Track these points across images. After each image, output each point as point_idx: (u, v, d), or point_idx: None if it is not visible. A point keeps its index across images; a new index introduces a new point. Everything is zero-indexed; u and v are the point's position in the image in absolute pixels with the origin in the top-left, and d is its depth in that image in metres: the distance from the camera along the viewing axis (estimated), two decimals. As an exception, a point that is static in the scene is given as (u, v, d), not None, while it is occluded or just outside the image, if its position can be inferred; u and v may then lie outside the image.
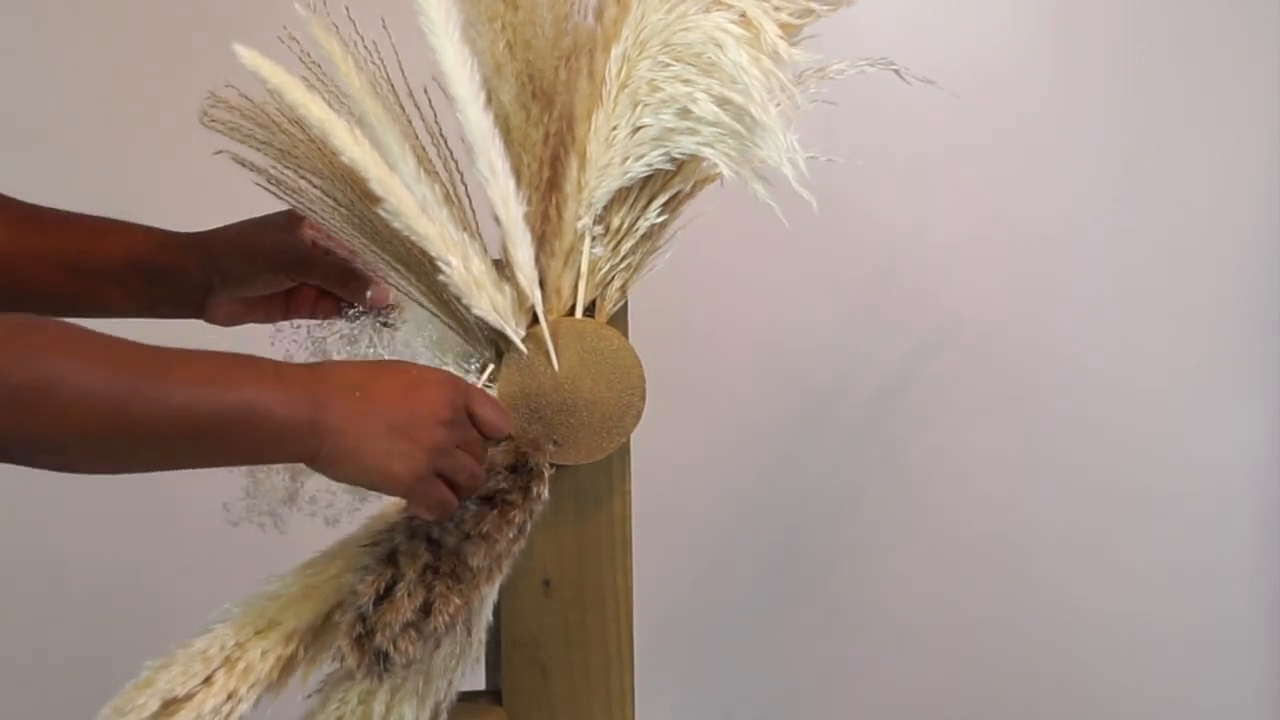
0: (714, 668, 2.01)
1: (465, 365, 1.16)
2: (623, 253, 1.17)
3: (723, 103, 1.08)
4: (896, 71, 1.19)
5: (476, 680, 1.25)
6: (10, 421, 0.88)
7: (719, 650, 2.01)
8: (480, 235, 1.15)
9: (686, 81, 1.09)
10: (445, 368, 1.14)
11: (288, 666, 1.09)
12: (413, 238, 1.09)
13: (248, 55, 1.03)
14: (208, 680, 1.06)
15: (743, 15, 1.07)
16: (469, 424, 1.06)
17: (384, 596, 1.06)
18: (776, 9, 1.09)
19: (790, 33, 1.10)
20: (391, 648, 1.04)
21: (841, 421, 1.99)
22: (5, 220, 1.15)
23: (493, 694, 1.28)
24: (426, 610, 1.05)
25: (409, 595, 1.05)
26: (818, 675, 2.04)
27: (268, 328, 1.23)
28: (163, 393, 0.93)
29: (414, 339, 1.17)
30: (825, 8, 1.11)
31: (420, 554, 1.07)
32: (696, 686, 2.00)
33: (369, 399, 1.00)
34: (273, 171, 1.14)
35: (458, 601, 1.06)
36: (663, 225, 1.19)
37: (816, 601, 2.02)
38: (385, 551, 1.08)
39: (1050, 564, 2.04)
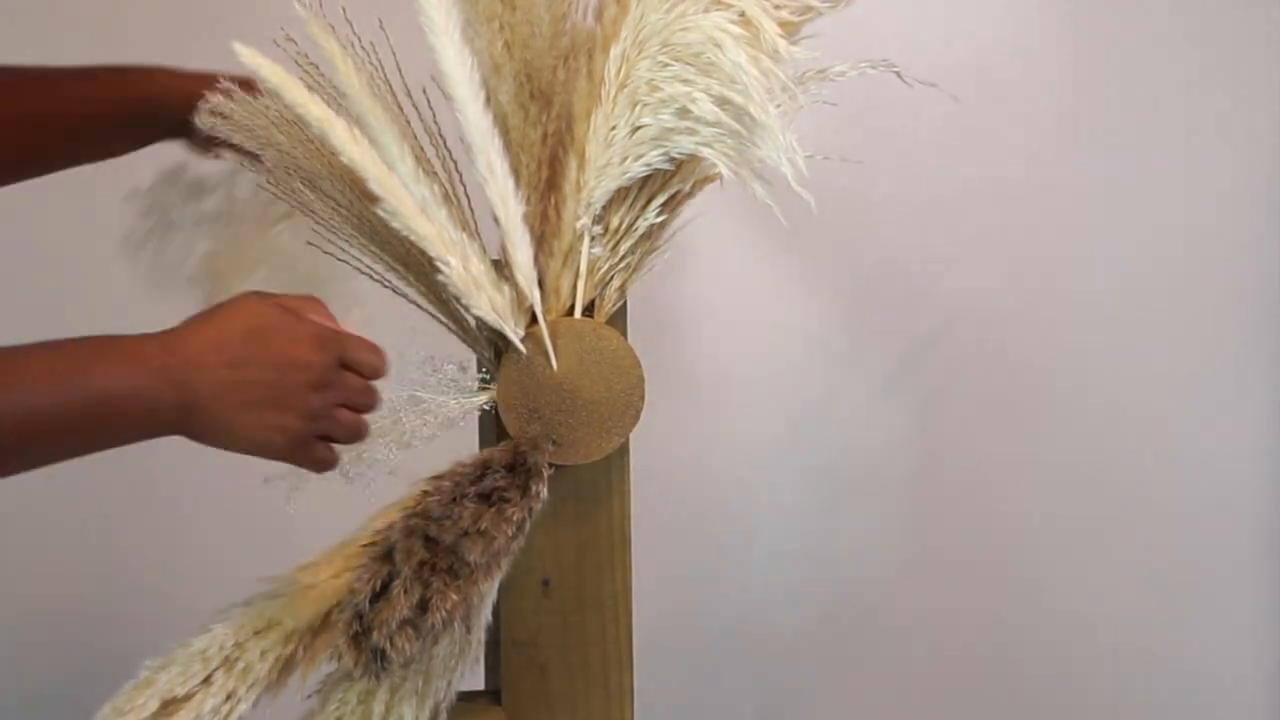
0: (714, 668, 2.01)
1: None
2: (622, 253, 1.17)
3: (722, 102, 1.08)
4: (898, 73, 1.19)
5: (476, 680, 1.25)
6: None
7: (719, 650, 2.01)
8: (479, 235, 1.15)
9: (685, 81, 1.08)
10: None
11: (287, 666, 1.09)
12: (411, 238, 1.09)
13: (247, 54, 1.03)
14: (207, 680, 1.06)
15: (742, 14, 1.06)
16: (344, 376, 1.03)
17: (380, 594, 1.06)
18: (777, 7, 1.09)
19: (790, 31, 1.10)
20: (388, 645, 1.04)
21: (841, 422, 1.98)
22: (41, 96, 1.17)
23: (492, 694, 1.28)
24: (423, 607, 1.05)
25: (405, 592, 1.05)
26: (819, 675, 2.03)
27: None
28: (19, 394, 0.92)
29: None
30: (825, 5, 1.11)
31: (416, 551, 1.07)
32: (696, 686, 2.00)
33: (235, 370, 0.97)
34: (273, 171, 1.15)
35: (455, 598, 1.06)
36: (662, 225, 1.19)
37: (816, 601, 2.01)
38: (382, 550, 1.08)
39: (1050, 564, 2.04)
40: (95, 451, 0.98)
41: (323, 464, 1.05)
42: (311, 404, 1.00)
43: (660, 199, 1.17)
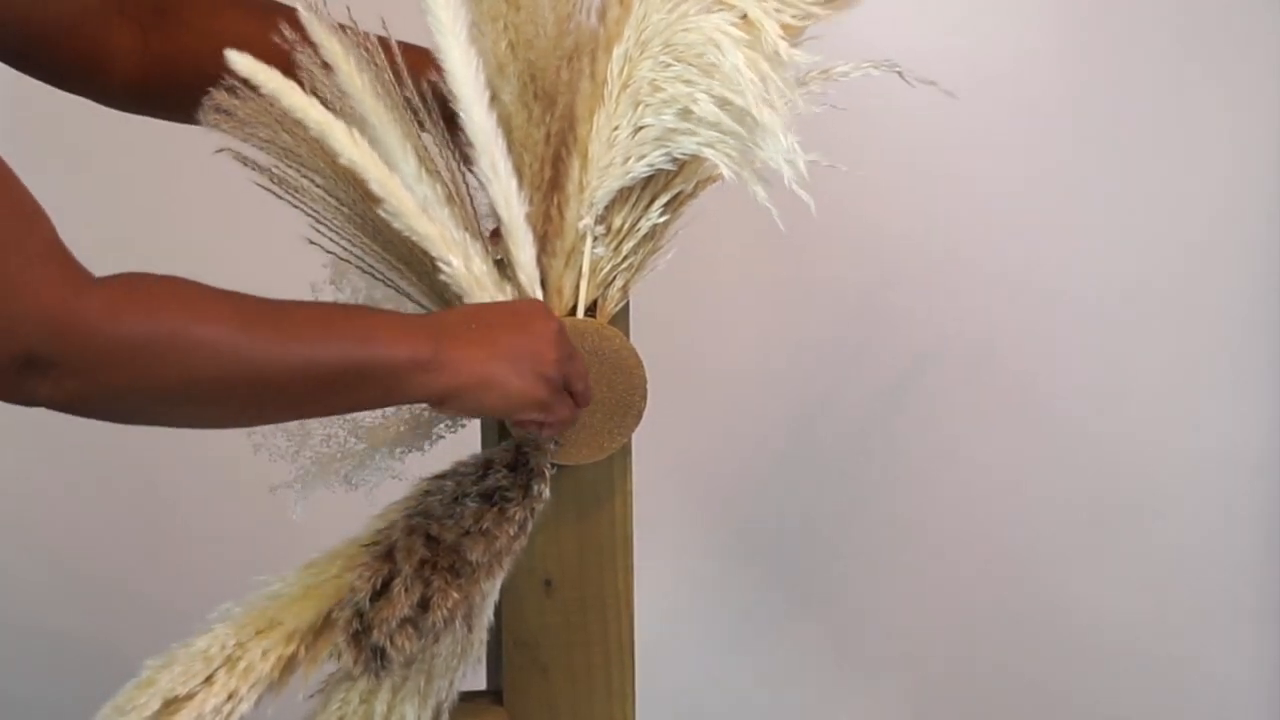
0: (715, 668, 2.01)
1: None
2: (624, 253, 1.17)
3: (723, 104, 1.08)
4: (900, 74, 1.19)
5: (478, 680, 1.25)
6: (140, 375, 0.91)
7: (720, 650, 2.01)
8: (482, 235, 1.15)
9: (687, 82, 1.09)
10: None
11: (289, 666, 1.09)
12: (413, 238, 1.09)
13: (241, 62, 1.03)
14: (209, 680, 1.06)
15: (744, 16, 1.06)
16: (577, 354, 1.11)
17: (381, 593, 1.06)
18: (778, 10, 1.09)
19: (792, 34, 1.10)
20: (389, 644, 1.04)
21: (843, 422, 1.98)
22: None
23: (494, 694, 1.28)
24: (424, 606, 1.05)
25: (405, 590, 1.05)
26: (820, 675, 2.03)
27: None
28: (288, 345, 0.96)
29: None
30: (827, 10, 1.11)
31: (417, 549, 1.07)
32: (698, 687, 2.00)
33: (486, 330, 1.04)
34: (275, 170, 1.15)
35: (456, 596, 1.06)
36: (665, 225, 1.19)
37: (818, 602, 2.01)
38: (383, 548, 1.08)
39: (1051, 565, 2.04)
40: (358, 410, 1.08)
41: (561, 424, 1.12)
42: (556, 373, 1.07)
43: (663, 199, 1.17)
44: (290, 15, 1.10)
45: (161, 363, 0.91)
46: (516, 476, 1.11)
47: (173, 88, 1.19)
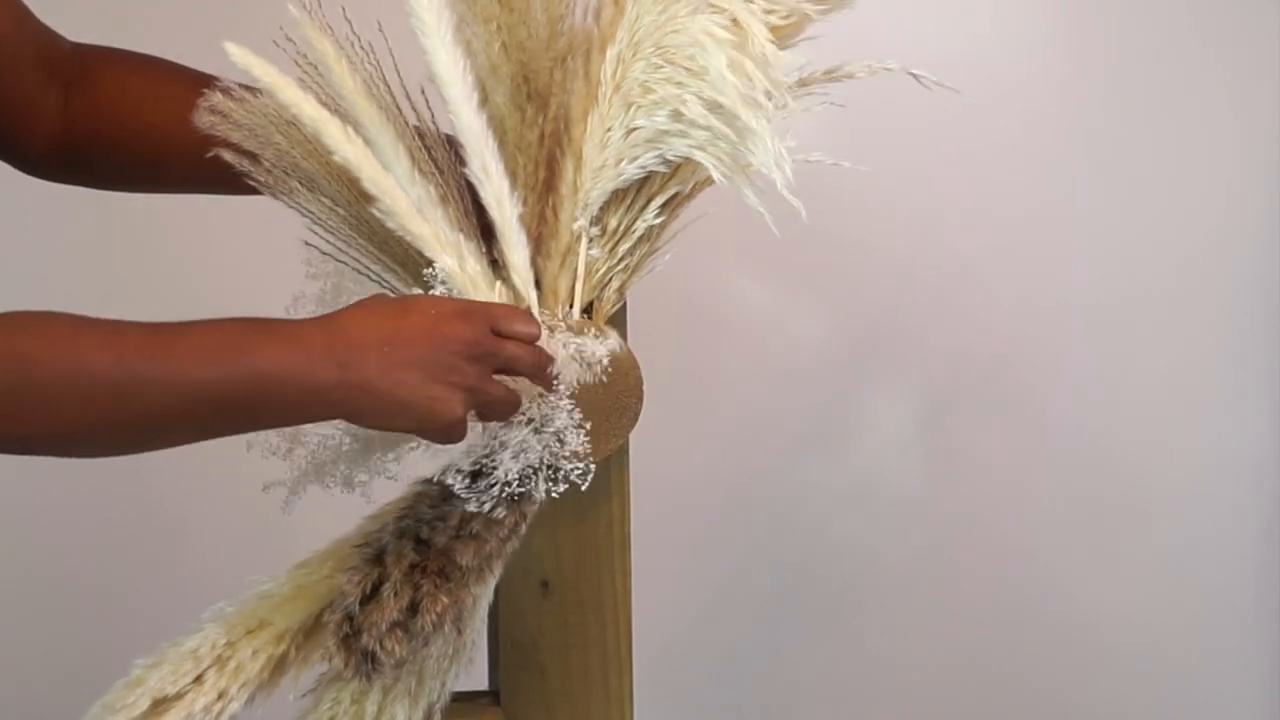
0: (715, 668, 2.01)
1: None
2: (620, 254, 1.17)
3: (713, 107, 1.07)
4: (915, 76, 1.17)
5: (476, 680, 1.25)
6: (24, 420, 0.89)
7: (720, 650, 2.00)
8: (477, 236, 1.15)
9: (678, 84, 1.08)
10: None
11: (279, 666, 1.09)
12: (407, 238, 1.09)
13: (238, 54, 1.04)
14: (198, 679, 1.06)
15: (733, 19, 1.06)
16: (500, 343, 1.04)
17: (371, 596, 1.06)
18: (768, 11, 1.08)
19: (782, 35, 1.09)
20: (378, 647, 1.04)
21: (842, 424, 1.98)
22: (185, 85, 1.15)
23: (493, 694, 1.28)
24: (414, 609, 1.05)
25: (395, 595, 1.05)
26: (821, 676, 2.03)
27: None
28: (171, 373, 0.93)
29: None
30: (819, 10, 1.10)
31: (406, 553, 1.07)
32: (697, 687, 2.00)
33: (395, 347, 0.99)
34: (269, 170, 1.15)
35: (445, 600, 1.06)
36: (661, 227, 1.18)
37: (819, 602, 2.01)
38: (373, 551, 1.08)
39: (1052, 566, 2.03)
40: (254, 429, 1.02)
41: (500, 416, 1.07)
42: (472, 375, 1.01)
43: (659, 201, 1.16)
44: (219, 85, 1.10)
45: (46, 408, 0.90)
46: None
47: (93, 151, 1.18)
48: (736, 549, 1.99)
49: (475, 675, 1.22)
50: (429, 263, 1.10)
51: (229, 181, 1.14)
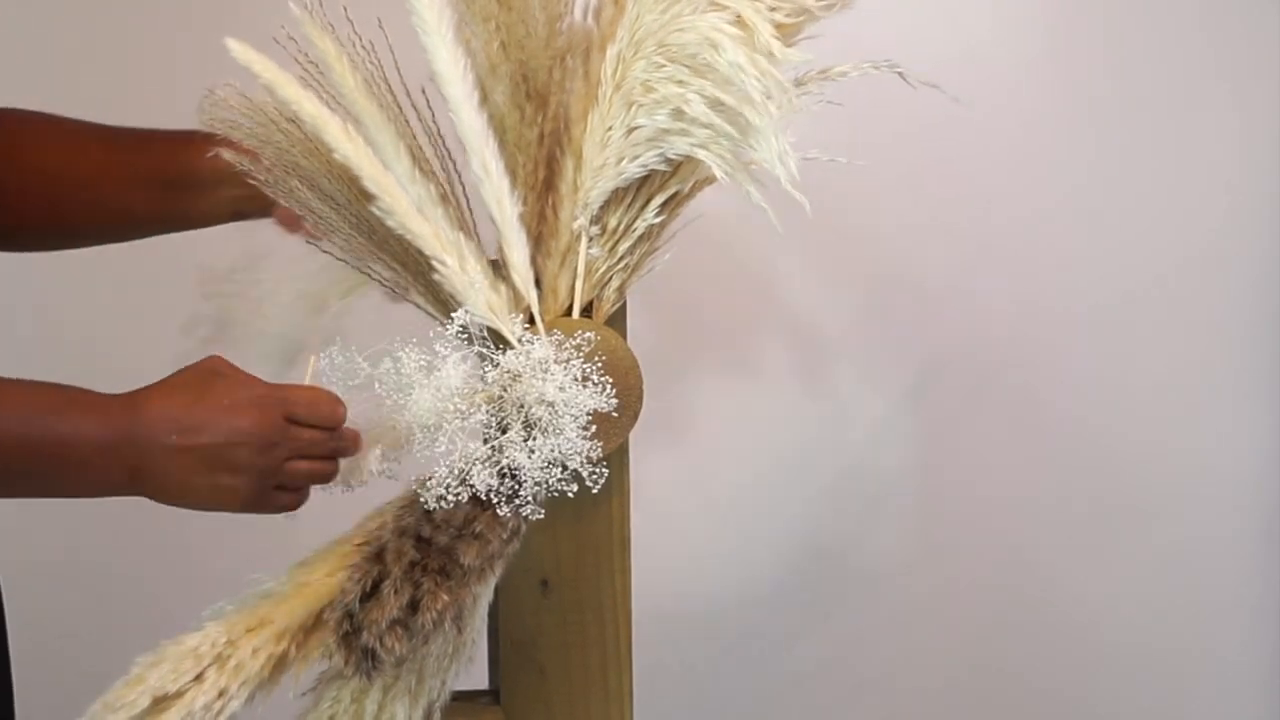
0: (715, 668, 2.01)
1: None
2: (620, 253, 1.17)
3: (715, 104, 1.07)
4: (901, 74, 1.18)
5: (476, 679, 1.25)
6: None
7: (720, 650, 2.00)
8: (477, 235, 1.15)
9: (680, 83, 1.08)
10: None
11: (279, 664, 1.09)
12: (407, 236, 1.09)
13: (240, 50, 1.04)
14: (199, 678, 1.06)
15: (738, 16, 1.06)
16: (294, 431, 1.05)
17: (371, 594, 1.06)
18: (772, 9, 1.08)
19: (786, 33, 1.10)
20: (378, 645, 1.04)
21: (843, 422, 1.98)
22: (94, 149, 1.16)
23: (493, 693, 1.28)
24: (414, 607, 1.05)
25: (395, 592, 1.05)
26: (821, 675, 2.03)
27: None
28: None
29: None
30: (821, 8, 1.10)
31: (407, 551, 1.07)
32: (697, 687, 2.00)
33: (186, 436, 1.00)
34: (270, 169, 1.15)
35: (445, 599, 1.06)
36: (661, 226, 1.18)
37: (819, 603, 2.01)
38: (374, 549, 1.08)
39: (1055, 567, 2.03)
40: (50, 497, 1.03)
41: (285, 509, 1.08)
42: (259, 464, 1.03)
43: (659, 200, 1.16)
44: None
45: None
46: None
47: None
48: (736, 548, 1.99)
49: (475, 674, 1.22)
50: (429, 261, 1.10)
51: (136, 223, 1.16)
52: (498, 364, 1.10)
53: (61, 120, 1.19)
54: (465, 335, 1.10)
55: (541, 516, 1.12)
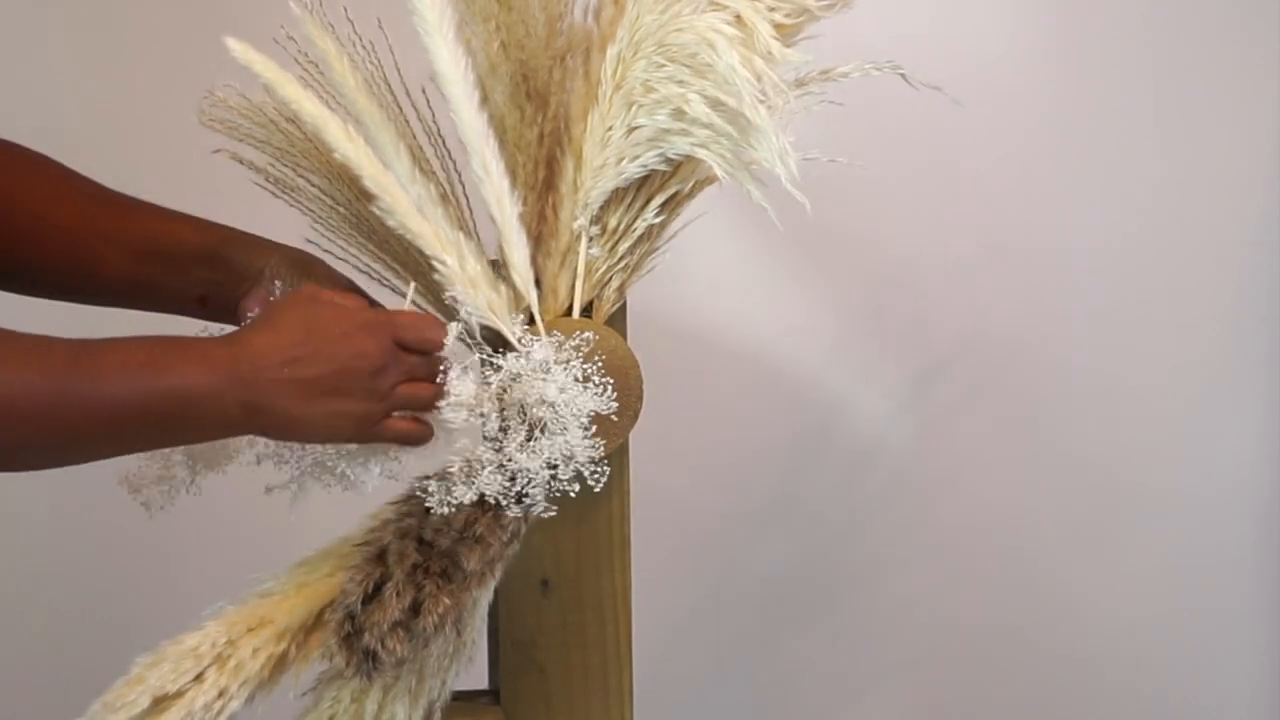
0: (714, 668, 2.01)
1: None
2: (620, 253, 1.17)
3: (716, 104, 1.07)
4: (903, 75, 1.18)
5: (476, 679, 1.25)
6: None
7: (719, 650, 2.00)
8: (477, 235, 1.15)
9: (680, 83, 1.08)
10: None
11: (279, 664, 1.09)
12: (407, 236, 1.09)
13: (239, 49, 1.04)
14: (199, 677, 1.06)
15: (737, 16, 1.06)
16: (402, 355, 1.06)
17: (373, 595, 1.06)
18: (771, 10, 1.08)
19: (785, 33, 1.10)
20: (380, 647, 1.04)
21: (843, 423, 1.98)
22: (81, 199, 1.16)
23: (493, 693, 1.28)
24: (415, 610, 1.05)
25: (397, 595, 1.05)
26: (821, 674, 2.03)
27: None
28: (94, 389, 0.94)
29: None
30: (821, 7, 1.10)
31: (409, 554, 1.07)
32: (697, 687, 2.00)
33: (299, 368, 1.01)
34: (271, 169, 1.15)
35: (447, 602, 1.06)
36: (661, 226, 1.18)
37: (819, 603, 2.01)
38: (375, 551, 1.08)
39: (1054, 566, 2.03)
40: (168, 446, 1.06)
41: (405, 437, 1.09)
42: (374, 387, 1.04)
43: (659, 200, 1.16)
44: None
45: None
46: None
47: None
48: (736, 547, 1.99)
49: (475, 674, 1.22)
50: (429, 261, 1.10)
51: (101, 285, 1.16)
52: (499, 367, 1.10)
53: (58, 165, 1.19)
54: (464, 340, 1.10)
55: (554, 514, 1.12)
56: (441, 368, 1.09)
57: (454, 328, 1.09)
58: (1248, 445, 2.03)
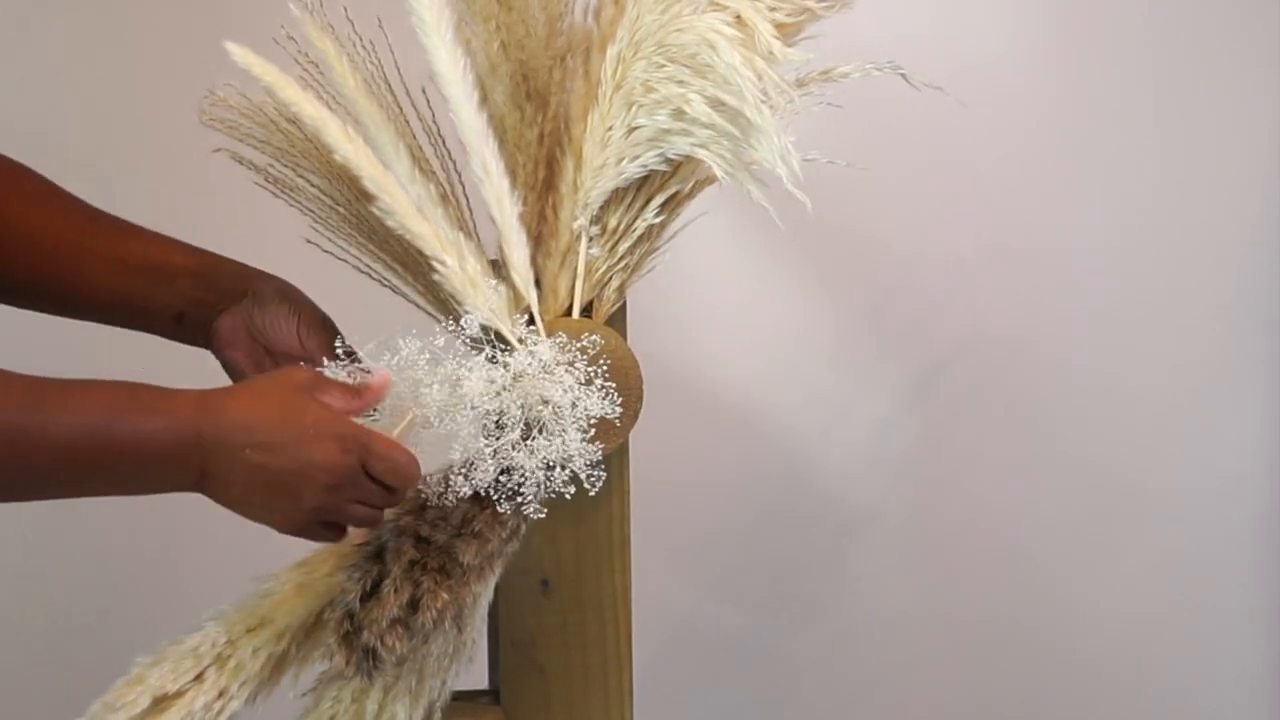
0: (714, 668, 2.01)
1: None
2: (620, 253, 1.17)
3: (716, 104, 1.07)
4: (904, 76, 1.18)
5: (476, 679, 1.25)
6: None
7: (719, 650, 2.00)
8: (477, 235, 1.15)
9: (680, 83, 1.08)
10: None
11: (279, 664, 1.09)
12: (407, 236, 1.09)
13: (240, 53, 1.04)
14: (199, 677, 1.06)
15: (738, 17, 1.06)
16: (363, 480, 1.03)
17: (371, 593, 1.06)
18: (772, 9, 1.08)
19: (786, 33, 1.09)
20: (379, 644, 1.04)
21: (844, 422, 1.98)
22: (65, 213, 1.16)
23: (493, 693, 1.28)
24: (414, 606, 1.05)
25: (395, 591, 1.05)
26: (821, 674, 2.03)
27: None
28: (48, 429, 0.94)
29: None
30: (822, 7, 1.10)
31: (406, 550, 1.07)
32: (697, 687, 2.00)
33: (260, 453, 0.99)
34: (271, 170, 1.15)
35: (445, 597, 1.06)
36: (661, 226, 1.18)
37: (820, 603, 2.01)
38: (373, 549, 1.08)
39: (1054, 567, 2.03)
40: (115, 494, 1.01)
41: (328, 540, 1.07)
42: (320, 501, 1.02)
43: (659, 200, 1.16)
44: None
45: None
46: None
47: None
48: (736, 547, 1.99)
49: (475, 674, 1.22)
50: (429, 261, 1.10)
51: (85, 295, 1.16)
52: (507, 365, 1.10)
53: (39, 177, 1.19)
54: (472, 340, 1.10)
55: (544, 516, 1.12)
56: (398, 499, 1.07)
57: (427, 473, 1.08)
58: (1248, 445, 2.03)
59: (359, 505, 1.04)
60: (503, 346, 1.12)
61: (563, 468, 1.11)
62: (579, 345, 1.13)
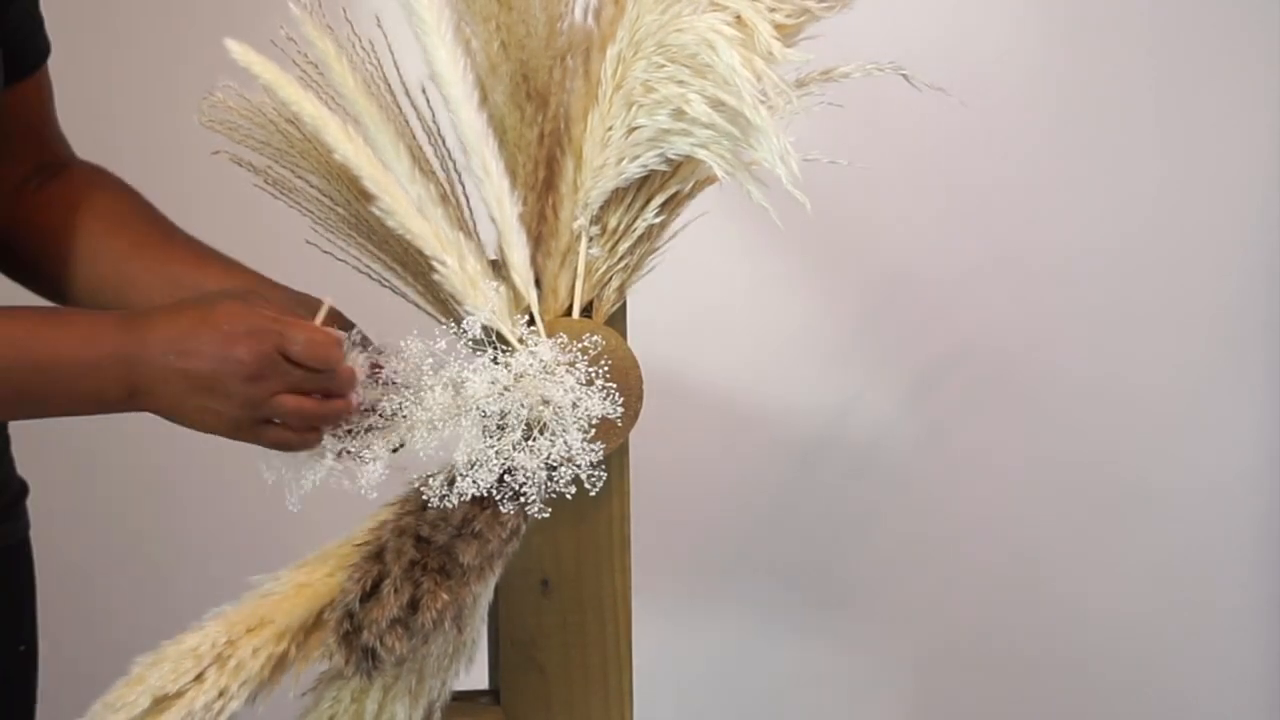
0: (714, 668, 2.01)
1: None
2: (620, 253, 1.17)
3: (716, 104, 1.07)
4: (905, 76, 1.18)
5: (476, 679, 1.25)
6: None
7: (720, 650, 2.00)
8: (477, 235, 1.15)
9: (680, 83, 1.08)
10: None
11: (280, 664, 1.09)
12: (407, 236, 1.09)
13: (239, 50, 1.04)
14: (199, 677, 1.06)
15: (737, 17, 1.06)
16: (285, 366, 1.03)
17: (371, 593, 1.06)
18: (772, 10, 1.08)
19: (786, 33, 1.09)
20: (379, 644, 1.04)
21: (844, 424, 1.98)
22: (129, 239, 1.20)
23: (493, 693, 1.28)
24: (414, 606, 1.05)
25: (395, 591, 1.05)
26: (821, 674, 2.03)
27: None
28: None
29: None
30: (822, 8, 1.10)
31: (406, 550, 1.07)
32: (697, 688, 2.00)
33: (181, 359, 1.01)
34: (270, 171, 1.15)
35: (445, 597, 1.06)
36: (661, 226, 1.18)
37: (820, 603, 2.01)
38: (373, 549, 1.08)
39: (1055, 567, 2.03)
40: (43, 416, 1.05)
41: (282, 445, 1.07)
42: (245, 394, 1.02)
43: (659, 200, 1.16)
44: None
45: None
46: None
47: (18, 237, 1.21)
48: (736, 547, 1.99)
49: (475, 674, 1.22)
50: (429, 261, 1.10)
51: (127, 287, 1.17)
52: (508, 366, 1.10)
53: (116, 196, 1.22)
54: (474, 340, 1.10)
55: (548, 515, 1.12)
56: (330, 385, 1.06)
57: (349, 343, 1.08)
58: (1248, 445, 2.03)
59: (291, 396, 1.04)
60: (503, 347, 1.12)
61: (564, 468, 1.11)
62: (580, 345, 1.13)
